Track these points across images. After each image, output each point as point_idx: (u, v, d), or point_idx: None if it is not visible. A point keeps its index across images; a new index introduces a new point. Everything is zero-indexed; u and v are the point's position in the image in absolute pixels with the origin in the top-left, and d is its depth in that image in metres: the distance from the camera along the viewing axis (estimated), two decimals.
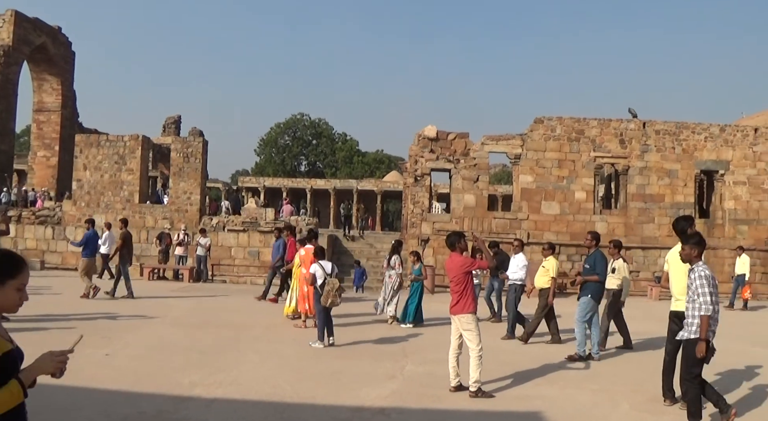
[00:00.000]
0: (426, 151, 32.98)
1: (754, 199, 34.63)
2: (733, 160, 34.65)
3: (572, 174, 33.39)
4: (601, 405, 10.01)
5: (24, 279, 3.82)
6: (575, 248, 32.68)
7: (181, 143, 36.64)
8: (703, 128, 34.78)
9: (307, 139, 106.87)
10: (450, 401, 9.90)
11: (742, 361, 13.90)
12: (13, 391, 3.61)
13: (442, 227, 32.17)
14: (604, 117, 34.24)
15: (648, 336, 16.46)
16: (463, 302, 10.44)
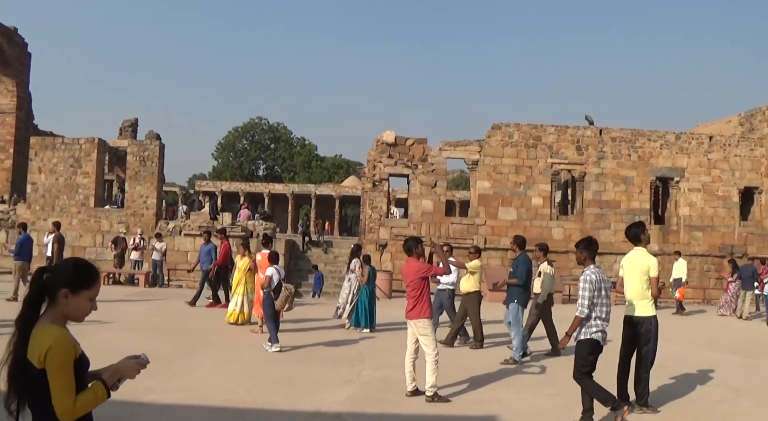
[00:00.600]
0: (384, 156, 33.04)
1: (708, 206, 35.11)
2: (688, 168, 35.11)
3: (529, 180, 33.61)
4: (557, 409, 10.08)
5: (96, 291, 3.93)
6: (530, 254, 32.82)
7: (137, 147, 36.31)
8: (659, 136, 35.21)
9: (265, 143, 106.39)
10: (406, 406, 9.91)
11: (696, 365, 14.10)
12: (98, 392, 3.74)
13: (399, 232, 32.22)
14: (561, 124, 34.53)
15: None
16: (419, 307, 10.47)
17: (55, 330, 3.67)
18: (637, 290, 10.18)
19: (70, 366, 3.63)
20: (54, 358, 3.58)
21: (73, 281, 3.80)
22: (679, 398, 11.14)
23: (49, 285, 3.79)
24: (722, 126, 39.51)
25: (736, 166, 35.63)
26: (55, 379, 3.58)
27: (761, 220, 35.94)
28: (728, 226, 35.35)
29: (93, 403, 3.69)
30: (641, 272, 10.21)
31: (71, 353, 3.67)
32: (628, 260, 10.48)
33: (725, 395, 11.56)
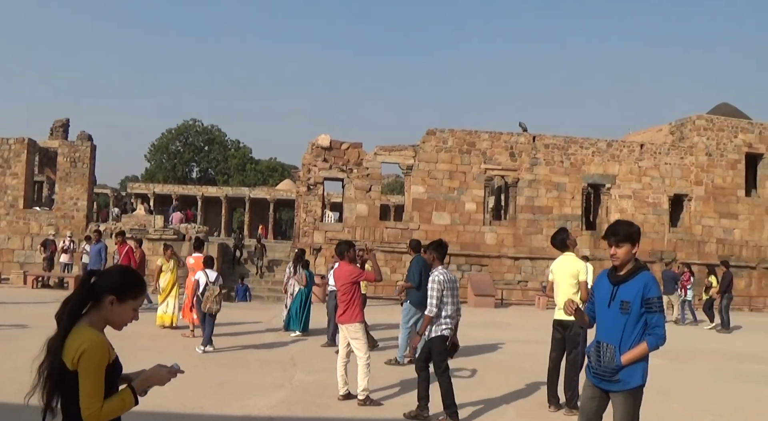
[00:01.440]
0: (319, 160, 33.00)
1: (639, 213, 35.67)
2: (619, 175, 35.66)
3: (463, 185, 33.83)
4: (488, 412, 10.16)
5: (141, 301, 3.95)
6: (465, 258, 33.16)
7: (68, 147, 35.79)
8: (591, 143, 35.70)
9: (199, 145, 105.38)
10: (338, 410, 9.91)
11: None
12: (126, 399, 3.73)
13: (334, 236, 32.18)
14: (495, 130, 34.81)
15: (534, 344, 16.78)
16: (350, 311, 10.50)
17: (92, 333, 3.69)
18: (567, 294, 10.32)
19: (101, 371, 3.64)
20: (87, 361, 3.60)
21: (121, 290, 3.83)
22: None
23: (96, 289, 3.82)
24: (653, 134, 40.16)
25: (666, 174, 36.27)
26: (86, 382, 3.60)
27: (690, 226, 36.63)
28: (658, 232, 35.97)
29: (120, 409, 3.70)
30: (571, 276, 10.36)
31: (104, 357, 3.67)
32: (558, 264, 10.62)
33: (654, 397, 11.71)
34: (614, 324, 5.93)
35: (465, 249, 33.34)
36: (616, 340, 5.88)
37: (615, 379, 5.88)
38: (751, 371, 15.20)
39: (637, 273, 5.98)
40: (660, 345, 5.89)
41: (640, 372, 5.90)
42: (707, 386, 13.20)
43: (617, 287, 6.00)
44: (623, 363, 5.82)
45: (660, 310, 5.88)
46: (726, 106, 43.27)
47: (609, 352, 5.88)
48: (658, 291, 5.95)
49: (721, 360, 16.87)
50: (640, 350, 5.83)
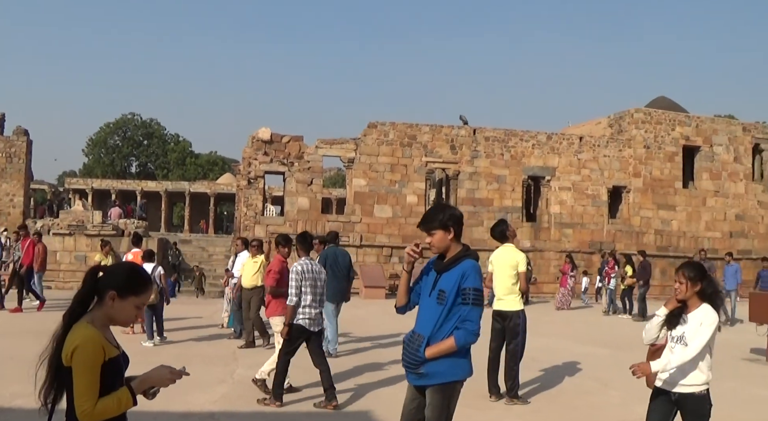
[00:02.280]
0: (260, 153, 32.76)
1: (578, 204, 36.07)
2: (559, 167, 35.97)
3: (404, 178, 33.86)
4: None
5: (145, 299, 3.92)
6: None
7: (3, 143, 35.15)
8: (531, 136, 35.96)
9: (138, 139, 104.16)
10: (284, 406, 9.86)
11: (564, 357, 14.45)
12: (122, 398, 3.72)
13: (275, 230, 31.97)
14: (436, 123, 34.88)
15: None
16: (273, 304, 10.62)
17: (86, 330, 3.65)
18: (506, 285, 10.42)
19: (94, 368, 3.60)
20: (78, 357, 3.58)
21: (122, 286, 3.79)
22: (549, 389, 11.42)
23: (99, 285, 3.81)
24: (592, 127, 40.56)
25: (605, 166, 36.69)
26: (78, 379, 3.58)
27: (629, 218, 37.10)
28: (597, 223, 36.38)
29: (115, 409, 3.67)
30: (510, 267, 10.44)
31: (98, 354, 3.63)
32: (497, 255, 10.71)
33: (592, 386, 11.90)
34: (430, 314, 5.56)
35: (407, 241, 33.27)
36: (429, 331, 5.51)
37: (419, 372, 5.53)
38: None
39: (459, 262, 5.61)
40: (471, 341, 5.49)
41: (452, 368, 5.53)
42: None
43: (440, 276, 5.66)
44: (427, 356, 5.44)
45: (474, 303, 5.44)
46: (663, 100, 43.82)
47: (416, 342, 5.54)
48: (477, 282, 5.52)
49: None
50: (446, 344, 5.43)
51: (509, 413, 9.70)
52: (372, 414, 9.47)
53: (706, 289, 5.86)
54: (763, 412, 10.42)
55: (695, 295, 5.86)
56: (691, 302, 5.89)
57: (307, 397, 10.34)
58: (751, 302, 16.30)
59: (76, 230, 31.59)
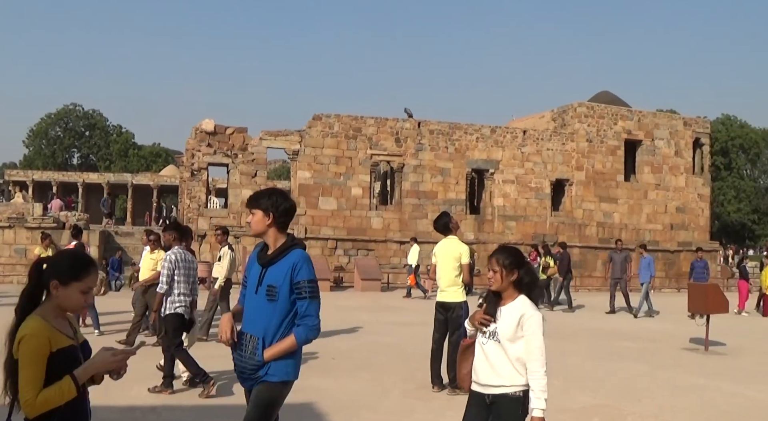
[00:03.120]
0: (203, 145, 32.46)
1: (521, 197, 36.38)
2: (502, 160, 36.22)
3: (349, 171, 33.81)
4: (373, 394, 10.18)
5: (90, 282, 3.79)
6: (351, 243, 33.17)
7: None
8: (475, 129, 36.14)
9: (79, 130, 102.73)
10: (223, 398, 9.79)
11: None
12: (64, 388, 3.56)
13: (219, 223, 31.79)
14: (381, 116, 34.91)
15: (419, 326, 16.90)
16: None
17: (33, 321, 3.60)
18: (449, 277, 10.46)
19: (38, 358, 3.52)
20: (22, 347, 3.52)
21: (63, 273, 3.70)
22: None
23: (43, 277, 3.74)
24: (536, 121, 40.86)
25: (549, 160, 37.03)
26: (21, 370, 3.51)
27: (571, 210, 37.50)
28: (540, 216, 36.72)
29: (58, 399, 3.54)
30: (453, 259, 10.46)
31: (42, 346, 3.54)
32: (441, 247, 10.73)
33: None
34: (261, 313, 5.07)
35: (351, 234, 33.38)
36: (261, 331, 5.02)
37: (257, 376, 5.06)
38: (626, 349, 15.66)
39: (286, 253, 5.14)
40: (312, 337, 5.07)
41: (286, 367, 5.09)
42: (586, 363, 13.54)
43: (265, 270, 5.15)
44: (266, 359, 4.98)
45: (311, 296, 5.03)
46: (606, 94, 44.34)
47: (251, 345, 5.03)
48: (310, 273, 5.07)
49: (598, 338, 17.31)
50: (287, 343, 4.99)
51: (452, 403, 9.71)
52: (315, 406, 9.42)
53: (523, 278, 5.10)
54: (700, 399, 10.57)
55: (511, 285, 5.07)
56: (506, 294, 5.10)
57: None
58: (689, 293, 16.56)
59: (16, 223, 31.06)
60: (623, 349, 15.59)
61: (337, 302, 24.12)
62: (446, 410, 9.32)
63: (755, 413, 9.80)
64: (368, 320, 19.19)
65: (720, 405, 10.22)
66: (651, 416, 9.42)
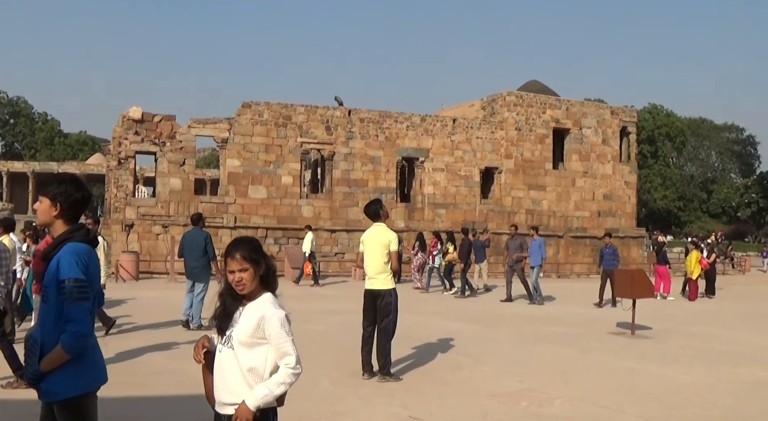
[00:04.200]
0: (131, 133, 31.93)
1: (451, 185, 36.61)
2: (432, 149, 36.38)
3: (279, 159, 33.61)
4: (303, 382, 10.00)
5: None
6: (282, 231, 32.99)
7: None
8: (405, 117, 36.22)
9: (3, 118, 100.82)
10: (151, 388, 9.69)
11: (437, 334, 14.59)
12: None
13: (147, 212, 31.44)
14: (312, 104, 34.74)
15: (350, 314, 16.88)
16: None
17: None
18: (378, 264, 10.44)
19: None
20: None
21: None
22: (421, 365, 11.50)
23: None
24: (466, 110, 41.07)
25: (478, 148, 37.29)
26: None
27: (500, 198, 37.84)
28: (470, 203, 36.97)
29: None
30: (382, 246, 10.44)
31: None
32: (369, 235, 10.70)
33: (464, 361, 12.03)
34: (42, 315, 4.50)
35: (282, 222, 33.19)
36: (41, 337, 4.38)
37: (38, 387, 4.39)
38: (554, 333, 15.80)
39: (60, 247, 4.45)
40: (80, 345, 4.30)
41: (72, 379, 4.33)
42: (514, 348, 13.63)
43: (49, 265, 4.48)
44: (42, 369, 4.29)
45: (74, 297, 4.27)
46: (535, 83, 44.71)
47: (32, 352, 4.37)
48: (73, 270, 4.32)
49: (526, 324, 17.45)
50: (56, 353, 4.25)
51: (381, 390, 9.71)
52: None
53: (268, 271, 4.28)
54: (626, 382, 10.71)
55: (257, 281, 4.24)
56: (251, 292, 4.24)
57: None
58: (616, 279, 16.80)
59: None
60: (551, 334, 15.74)
61: (308, 291, 24.00)
62: (375, 397, 9.31)
63: (680, 395, 9.95)
64: (298, 308, 19.04)
65: (646, 387, 10.36)
66: (578, 399, 9.51)
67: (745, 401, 9.76)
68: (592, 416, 8.71)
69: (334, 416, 8.40)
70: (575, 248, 39.47)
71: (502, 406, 9.03)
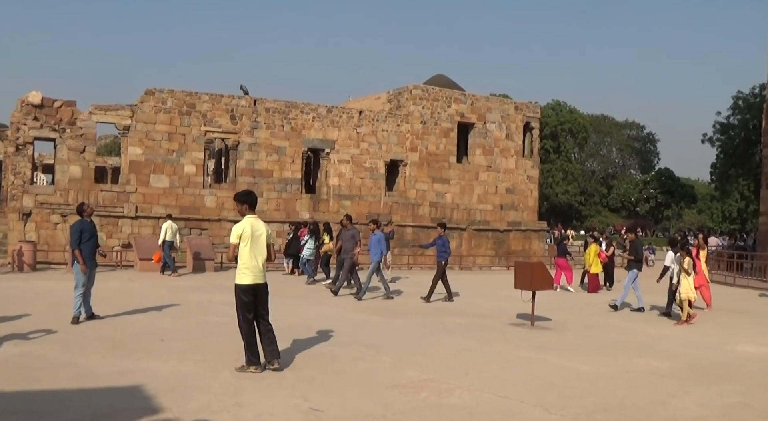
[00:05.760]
0: (30, 118, 31.09)
1: (356, 177, 36.70)
2: (338, 140, 36.42)
3: (183, 148, 33.17)
4: (204, 375, 10.03)
5: None
6: (184, 222, 32.53)
7: None
8: (312, 108, 36.16)
9: None
10: (50, 382, 9.44)
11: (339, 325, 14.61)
12: None
13: (45, 200, 30.71)
14: (216, 92, 34.38)
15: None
16: None
17: None
18: (263, 257, 10.43)
19: None
20: None
21: None
22: (323, 357, 11.51)
23: None
24: (372, 102, 41.21)
25: (384, 140, 37.47)
26: None
27: (405, 190, 38.09)
28: (375, 196, 37.12)
29: None
30: (267, 238, 10.43)
31: None
32: (255, 227, 10.48)
33: (366, 352, 12.09)
34: None
35: (184, 213, 32.74)
36: None
37: None
38: (456, 324, 15.98)
39: None
40: None
41: None
42: (416, 339, 13.75)
43: None
44: None
45: None
46: (441, 78, 45.03)
47: None
48: None
49: (428, 315, 17.60)
50: None
51: (282, 382, 9.68)
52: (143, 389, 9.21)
53: None
54: (526, 372, 10.90)
55: None
56: None
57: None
58: (516, 271, 17.01)
59: None
60: (453, 325, 15.91)
61: (169, 282, 23.75)
62: (276, 389, 9.29)
63: (578, 384, 10.18)
64: (200, 300, 18.95)
65: (545, 377, 10.56)
66: (478, 389, 9.64)
67: (640, 389, 10.04)
68: (492, 406, 8.85)
69: (235, 408, 8.34)
70: (478, 241, 39.97)
71: (402, 396, 9.10)
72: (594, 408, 8.90)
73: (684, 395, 9.81)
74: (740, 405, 9.40)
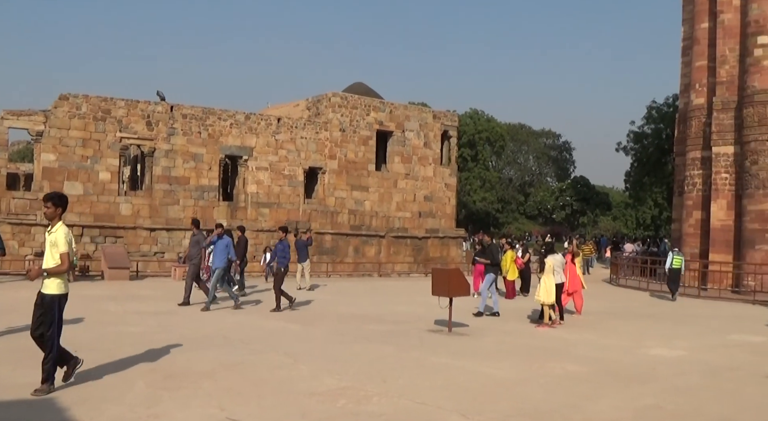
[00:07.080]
0: None
1: (275, 184, 36.61)
2: (256, 147, 36.29)
3: (97, 154, 32.66)
4: (118, 385, 9.84)
5: None
6: (98, 230, 32.02)
7: None
8: (230, 115, 35.96)
9: None
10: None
11: (255, 334, 14.51)
12: None
13: None
14: (132, 98, 33.93)
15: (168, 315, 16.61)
16: None
17: None
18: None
19: None
20: None
21: None
22: (240, 366, 11.42)
23: None
24: (291, 109, 41.19)
25: (302, 148, 37.46)
26: None
27: (324, 198, 38.11)
28: (293, 203, 37.05)
29: None
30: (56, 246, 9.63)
31: None
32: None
33: (284, 360, 12.03)
34: None
35: (99, 220, 32.22)
36: None
37: None
38: (373, 332, 16.00)
39: None
40: None
41: None
42: (333, 347, 13.73)
43: None
44: None
45: None
46: (360, 86, 45.20)
47: None
48: None
49: (345, 322, 17.61)
50: None
51: (198, 392, 9.54)
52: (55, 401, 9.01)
53: None
54: (443, 378, 10.96)
55: None
56: None
57: None
58: (433, 278, 17.11)
59: None
60: (370, 332, 15.92)
61: (83, 292, 23.26)
62: (192, 399, 9.18)
63: (494, 389, 10.29)
64: (115, 309, 18.65)
65: (462, 383, 10.64)
66: (396, 395, 9.66)
67: (555, 393, 10.19)
68: (409, 412, 8.88)
69: (149, 419, 8.22)
70: (397, 248, 40.15)
71: (320, 404, 9.07)
72: (510, 412, 9.00)
73: (598, 399, 9.98)
74: (653, 407, 9.60)
